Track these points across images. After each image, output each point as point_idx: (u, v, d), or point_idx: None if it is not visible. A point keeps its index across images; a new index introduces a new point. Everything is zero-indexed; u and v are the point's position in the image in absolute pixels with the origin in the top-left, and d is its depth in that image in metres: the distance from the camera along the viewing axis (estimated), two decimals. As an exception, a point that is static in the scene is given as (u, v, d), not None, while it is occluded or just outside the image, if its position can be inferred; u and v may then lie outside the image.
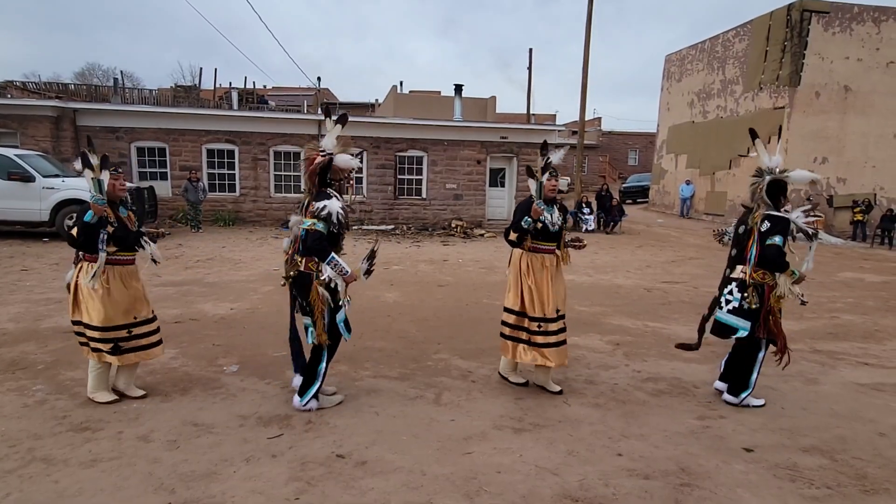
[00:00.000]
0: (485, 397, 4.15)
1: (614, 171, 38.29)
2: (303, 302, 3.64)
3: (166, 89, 27.59)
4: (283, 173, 16.43)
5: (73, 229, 3.67)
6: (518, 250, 4.21)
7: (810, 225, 4.03)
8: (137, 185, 12.72)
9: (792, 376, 4.84)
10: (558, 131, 21.01)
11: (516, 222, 4.09)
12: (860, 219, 17.81)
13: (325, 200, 3.52)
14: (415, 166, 17.22)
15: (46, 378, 4.19)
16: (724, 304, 4.10)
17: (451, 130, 17.35)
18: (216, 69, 39.64)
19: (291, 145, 16.09)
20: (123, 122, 15.25)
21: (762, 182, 4.03)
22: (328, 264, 3.48)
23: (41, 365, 4.47)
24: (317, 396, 3.78)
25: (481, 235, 16.03)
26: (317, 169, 3.61)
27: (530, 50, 32.93)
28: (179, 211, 15.06)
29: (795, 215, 4.00)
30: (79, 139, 14.54)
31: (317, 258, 3.51)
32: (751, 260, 3.96)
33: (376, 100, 34.04)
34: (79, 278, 3.67)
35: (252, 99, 27.05)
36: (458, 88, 20.16)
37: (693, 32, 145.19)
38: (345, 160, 3.64)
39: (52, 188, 11.16)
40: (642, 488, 2.96)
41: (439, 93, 29.09)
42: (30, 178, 11.07)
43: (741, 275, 4.03)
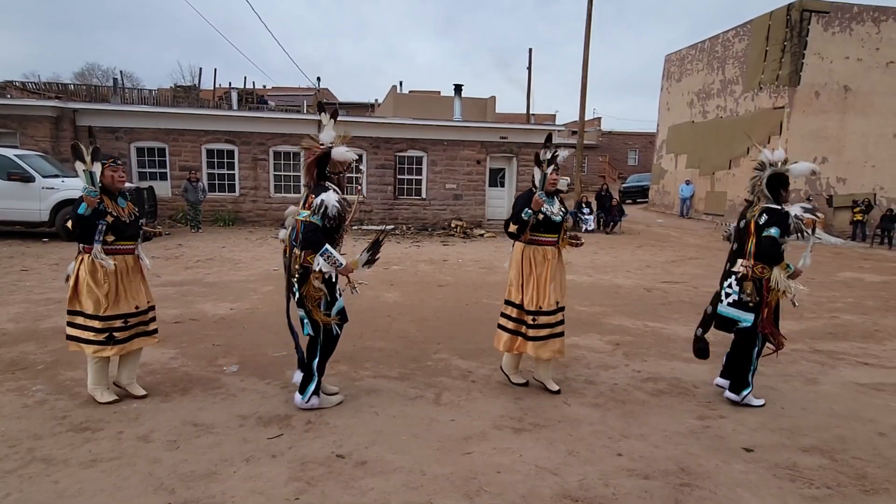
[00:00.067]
0: (485, 397, 4.15)
1: (614, 171, 38.30)
2: (299, 294, 3.65)
3: (166, 89, 27.58)
4: (282, 173, 16.44)
5: (68, 222, 3.70)
6: (519, 244, 4.21)
7: (808, 224, 4.04)
8: (137, 186, 12.65)
9: (792, 376, 4.85)
10: (558, 131, 20.99)
11: (516, 214, 4.09)
12: (860, 219, 17.82)
13: (321, 193, 3.54)
14: (414, 166, 17.22)
15: (46, 378, 4.20)
16: (724, 297, 4.13)
17: (451, 130, 17.36)
18: (216, 69, 39.69)
19: (291, 145, 16.08)
20: (123, 122, 15.26)
21: (763, 175, 4.04)
22: (321, 255, 3.49)
23: (41, 365, 4.47)
24: (318, 393, 3.78)
25: (481, 235, 16.03)
26: (314, 161, 3.65)
27: (530, 50, 33.00)
28: (179, 211, 15.07)
29: (795, 210, 4.01)
30: (78, 139, 14.52)
31: (311, 250, 3.53)
32: (750, 253, 3.98)
33: (376, 100, 34.03)
34: (79, 270, 3.69)
35: (252, 99, 27.06)
36: (458, 88, 20.17)
37: (693, 32, 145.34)
38: (341, 152, 3.65)
39: (52, 188, 11.18)
40: (642, 488, 2.96)
41: (439, 93, 29.10)
42: (29, 179, 11.08)
43: (741, 268, 4.05)
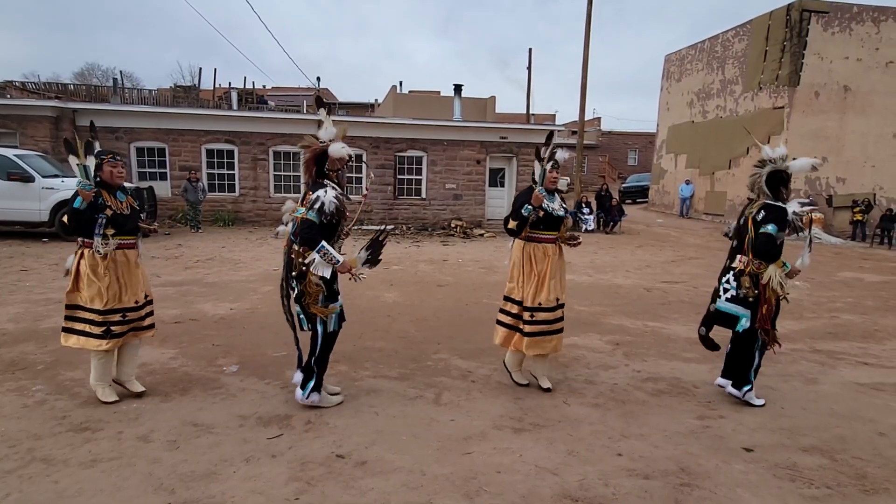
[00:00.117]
0: (485, 397, 4.15)
1: (614, 171, 38.31)
2: (298, 289, 3.64)
3: (166, 89, 27.59)
4: (282, 173, 16.43)
5: (63, 217, 3.71)
6: (518, 241, 4.20)
7: (807, 223, 4.03)
8: (137, 186, 12.71)
9: (792, 376, 4.85)
10: (558, 131, 20.99)
11: (516, 210, 4.09)
12: (860, 219, 17.82)
13: (319, 190, 3.55)
14: (414, 166, 17.22)
15: (46, 378, 4.19)
16: (723, 292, 4.13)
17: (451, 130, 17.35)
18: (216, 69, 39.72)
19: (291, 145, 16.06)
20: (123, 122, 15.26)
21: (762, 172, 4.04)
22: (318, 253, 3.49)
23: (41, 365, 4.47)
24: (318, 389, 3.78)
25: (481, 235, 16.03)
26: (312, 158, 3.66)
27: (530, 50, 32.97)
28: (179, 211, 15.06)
29: (793, 206, 4.00)
30: (78, 138, 14.52)
31: (308, 247, 3.53)
32: (748, 249, 3.99)
33: (376, 100, 34.05)
34: (80, 264, 3.69)
35: (251, 99, 27.08)
36: (458, 88, 20.18)
37: (693, 32, 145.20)
38: (337, 149, 3.66)
39: (52, 188, 11.17)
40: (642, 488, 2.97)
41: (439, 93, 29.10)
42: (29, 179, 11.08)
43: (739, 264, 4.05)
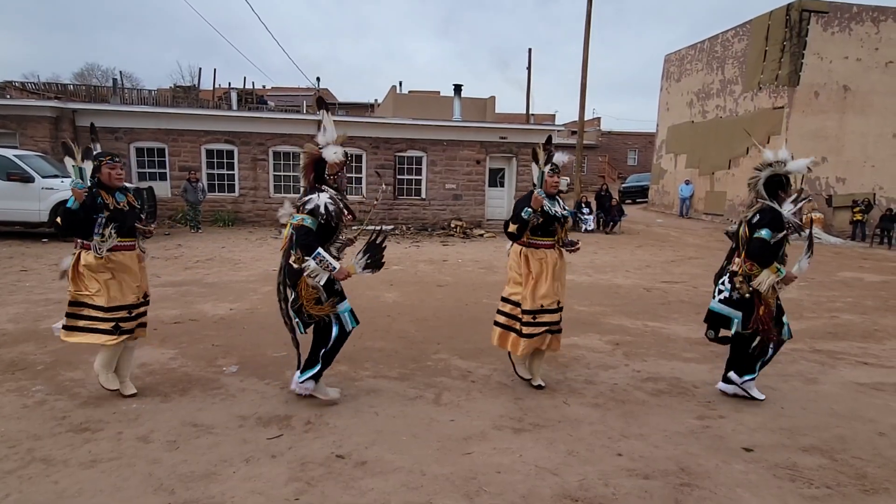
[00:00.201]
0: (484, 397, 4.15)
1: (614, 171, 38.30)
2: (294, 294, 3.63)
3: (165, 90, 27.60)
4: (282, 174, 16.43)
5: (58, 217, 3.72)
6: (517, 245, 4.20)
7: (807, 224, 4.02)
8: (136, 186, 12.71)
9: (792, 376, 4.85)
10: (558, 131, 21.01)
11: (516, 214, 4.09)
12: (859, 218, 17.82)
13: (313, 194, 3.55)
14: (414, 166, 17.22)
15: (46, 379, 4.19)
16: (717, 293, 4.13)
17: (451, 130, 17.36)
18: (215, 69, 39.81)
19: (291, 145, 16.08)
20: (122, 122, 15.26)
21: (760, 175, 4.03)
22: (314, 259, 3.48)
23: (41, 365, 4.47)
24: (316, 380, 3.77)
25: (481, 235, 16.03)
26: (310, 164, 3.66)
27: (529, 50, 32.91)
28: (179, 211, 15.06)
29: (787, 207, 3.96)
30: (78, 140, 14.53)
31: (305, 253, 3.52)
32: (742, 252, 3.99)
33: (375, 100, 34.03)
34: (78, 265, 3.69)
35: (251, 99, 27.07)
36: (458, 88, 20.18)
37: (693, 33, 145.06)
38: (329, 154, 3.65)
39: (51, 189, 11.17)
40: (642, 488, 2.96)
41: (438, 93, 29.08)
42: (29, 179, 11.08)
43: (734, 266, 4.06)
